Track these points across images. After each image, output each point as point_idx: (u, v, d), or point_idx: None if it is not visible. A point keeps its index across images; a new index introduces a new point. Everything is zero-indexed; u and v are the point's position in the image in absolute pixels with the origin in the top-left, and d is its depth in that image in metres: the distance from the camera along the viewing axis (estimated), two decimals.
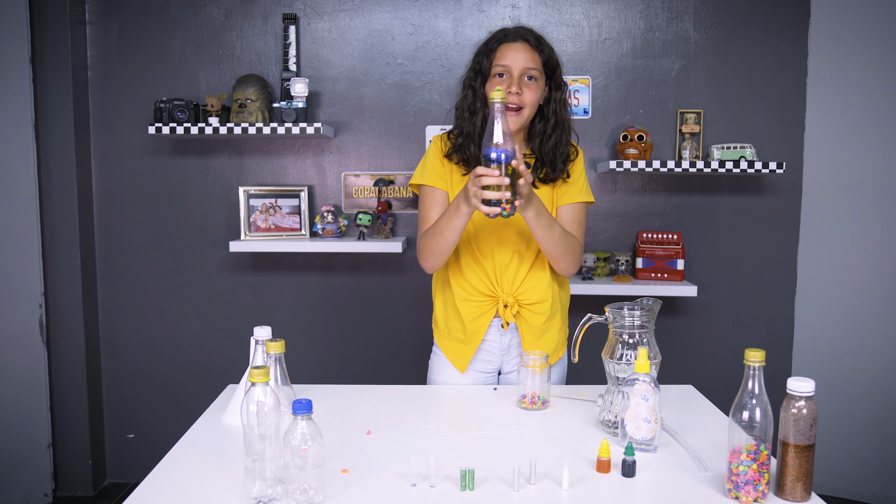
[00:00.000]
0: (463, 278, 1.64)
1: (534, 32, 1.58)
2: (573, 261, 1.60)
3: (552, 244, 1.53)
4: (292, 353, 1.46)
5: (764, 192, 2.70)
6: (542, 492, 1.09)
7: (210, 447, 1.27)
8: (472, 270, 1.63)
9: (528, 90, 1.54)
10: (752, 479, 1.03)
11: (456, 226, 1.49)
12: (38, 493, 2.71)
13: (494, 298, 1.64)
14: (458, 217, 1.47)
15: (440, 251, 1.55)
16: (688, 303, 2.75)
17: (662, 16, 2.65)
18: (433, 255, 1.57)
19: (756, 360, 1.04)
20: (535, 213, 1.46)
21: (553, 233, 1.52)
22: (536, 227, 1.49)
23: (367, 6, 2.67)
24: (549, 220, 1.51)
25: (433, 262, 1.59)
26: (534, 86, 1.55)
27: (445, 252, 1.56)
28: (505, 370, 1.71)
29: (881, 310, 2.70)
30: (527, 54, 1.54)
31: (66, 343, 2.70)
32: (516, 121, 1.55)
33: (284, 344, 1.26)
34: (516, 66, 1.53)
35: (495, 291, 1.63)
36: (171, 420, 2.82)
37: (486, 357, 1.69)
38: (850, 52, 2.63)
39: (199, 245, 2.76)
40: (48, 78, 2.59)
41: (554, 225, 1.52)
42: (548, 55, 1.58)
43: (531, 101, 1.55)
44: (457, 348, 1.68)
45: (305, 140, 2.72)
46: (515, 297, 1.63)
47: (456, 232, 1.50)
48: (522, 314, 1.64)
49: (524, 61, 1.54)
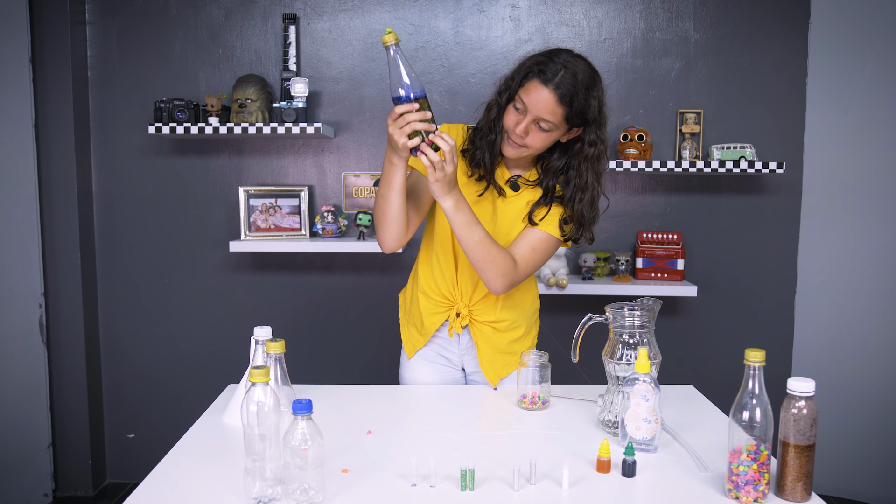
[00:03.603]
0: (430, 274, 1.63)
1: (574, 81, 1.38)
2: (496, 275, 1.45)
3: (470, 247, 1.42)
4: (292, 353, 1.46)
5: (764, 191, 2.70)
6: (542, 492, 1.09)
7: (210, 447, 1.27)
8: (440, 270, 1.61)
9: (536, 136, 1.43)
10: (753, 479, 1.03)
11: (391, 181, 1.40)
12: (38, 493, 2.71)
13: (451, 303, 1.62)
14: (391, 171, 1.39)
15: (385, 218, 1.46)
16: (688, 303, 2.75)
17: (662, 16, 2.65)
18: (379, 223, 1.48)
19: (756, 360, 1.04)
20: (452, 203, 1.37)
21: (472, 234, 1.41)
22: (454, 221, 1.39)
23: (367, 6, 2.67)
24: (471, 218, 1.40)
25: (383, 232, 1.48)
26: (544, 135, 1.43)
27: (391, 219, 1.45)
28: (467, 370, 1.70)
29: (881, 309, 2.70)
30: (549, 104, 1.38)
31: (66, 343, 2.70)
32: (516, 152, 1.47)
33: (284, 344, 1.26)
34: (533, 110, 1.40)
35: (453, 297, 1.62)
36: (171, 420, 2.82)
37: (450, 355, 1.68)
38: (850, 52, 2.63)
39: (199, 245, 2.76)
40: (48, 78, 2.59)
41: (475, 226, 1.41)
42: (578, 110, 1.40)
43: (536, 147, 1.45)
44: (411, 333, 1.70)
45: (305, 140, 2.72)
46: (470, 308, 1.61)
47: (393, 190, 1.41)
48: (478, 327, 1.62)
49: (542, 110, 1.39)
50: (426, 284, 1.64)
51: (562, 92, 1.37)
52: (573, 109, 1.40)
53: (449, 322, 1.63)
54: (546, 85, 1.38)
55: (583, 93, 1.39)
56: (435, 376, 1.69)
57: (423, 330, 1.65)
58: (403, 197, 1.43)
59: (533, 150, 1.47)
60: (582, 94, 1.39)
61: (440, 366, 1.69)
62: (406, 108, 1.29)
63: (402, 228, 1.47)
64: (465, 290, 1.60)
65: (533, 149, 1.46)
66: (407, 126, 1.29)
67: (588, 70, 1.42)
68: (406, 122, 1.29)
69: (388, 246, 1.51)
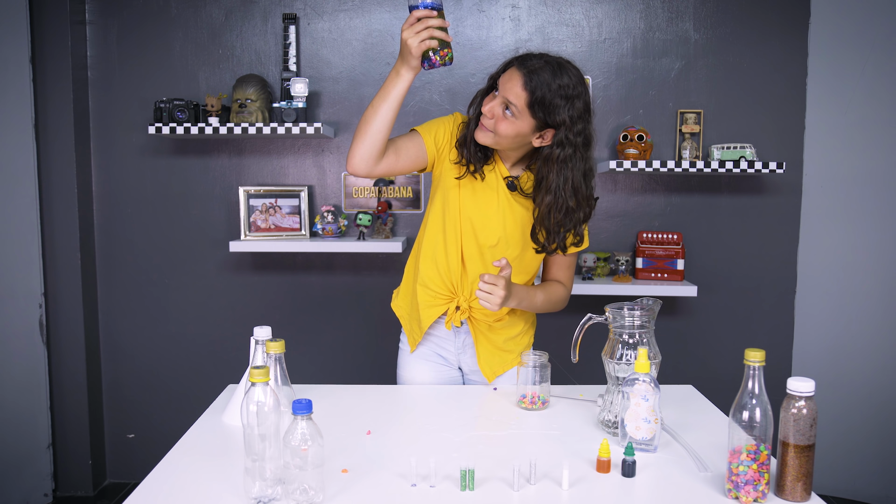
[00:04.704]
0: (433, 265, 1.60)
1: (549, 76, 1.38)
2: (559, 308, 1.65)
3: (537, 311, 1.62)
4: (292, 353, 1.46)
5: (764, 191, 2.70)
6: (542, 492, 1.09)
7: (210, 447, 1.27)
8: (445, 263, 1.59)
9: (502, 122, 1.42)
10: (752, 479, 1.03)
11: (389, 92, 1.38)
12: (38, 493, 2.71)
13: (452, 295, 1.61)
14: (394, 81, 1.38)
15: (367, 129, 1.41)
16: (688, 303, 2.75)
17: (662, 16, 2.65)
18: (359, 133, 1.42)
19: (756, 360, 1.04)
20: (516, 303, 1.51)
21: (534, 306, 1.57)
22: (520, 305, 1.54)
23: (367, 6, 2.67)
24: (530, 301, 1.55)
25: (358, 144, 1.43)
26: (508, 120, 1.42)
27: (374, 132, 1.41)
28: (464, 370, 1.70)
29: (881, 310, 2.70)
30: (515, 86, 1.39)
31: (66, 343, 2.70)
32: (484, 136, 1.46)
33: (284, 344, 1.26)
34: (502, 91, 1.42)
35: (456, 290, 1.60)
36: (171, 420, 2.82)
37: (446, 354, 1.68)
38: (850, 52, 2.63)
39: (199, 245, 2.76)
40: (48, 78, 2.59)
41: (535, 299, 1.56)
42: (541, 101, 1.39)
43: (502, 133, 1.43)
44: (413, 328, 1.68)
45: (305, 140, 2.72)
46: (470, 303, 1.60)
47: (388, 102, 1.39)
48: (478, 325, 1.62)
49: (509, 91, 1.40)
50: (427, 276, 1.61)
51: (530, 78, 1.38)
52: (535, 98, 1.38)
53: (447, 315, 1.61)
54: (520, 69, 1.41)
55: (553, 89, 1.38)
56: (432, 375, 1.69)
57: (421, 323, 1.64)
58: (394, 114, 1.41)
59: (501, 137, 1.44)
60: (551, 89, 1.38)
61: (437, 365, 1.69)
62: (425, 13, 1.30)
63: (376, 147, 1.43)
64: (465, 284, 1.60)
65: (501, 136, 1.44)
66: (425, 31, 1.30)
67: (571, 72, 1.42)
68: (425, 26, 1.30)
69: (354, 162, 1.44)
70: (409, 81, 1.39)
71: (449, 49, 1.34)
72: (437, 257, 1.60)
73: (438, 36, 1.32)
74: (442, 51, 1.33)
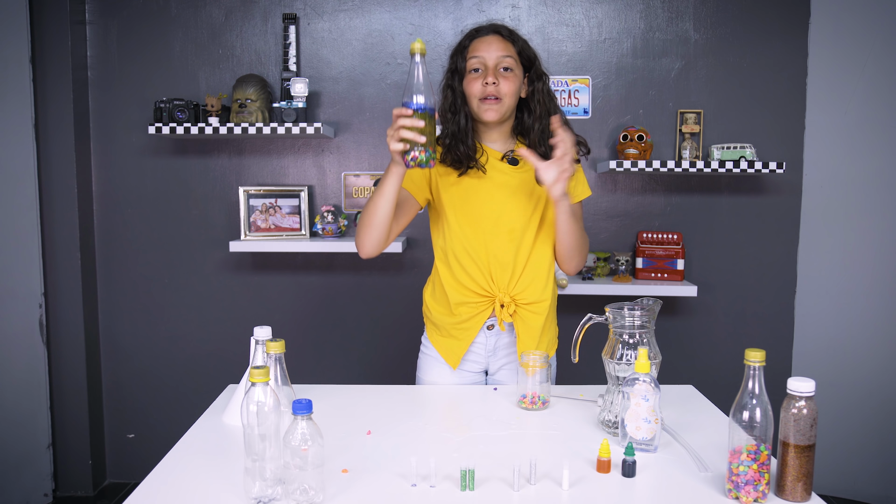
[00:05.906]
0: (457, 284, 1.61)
1: (505, 26, 1.58)
2: (583, 258, 1.63)
3: (575, 238, 1.56)
4: (292, 353, 1.46)
5: (764, 192, 2.70)
6: (542, 492, 1.09)
7: (210, 447, 1.27)
8: (466, 270, 1.59)
9: (505, 80, 1.52)
10: (753, 479, 1.03)
11: (383, 187, 1.44)
12: (38, 493, 2.71)
13: (490, 298, 1.61)
14: (386, 177, 1.43)
15: (369, 222, 1.49)
16: (688, 303, 2.75)
17: (662, 16, 2.65)
18: (362, 226, 1.51)
19: (756, 360, 1.04)
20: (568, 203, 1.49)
21: (579, 225, 1.57)
22: (568, 219, 1.51)
23: (367, 6, 2.67)
24: (579, 212, 1.59)
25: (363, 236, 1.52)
26: (511, 76, 1.53)
27: (375, 225, 1.49)
28: (491, 370, 1.70)
29: (881, 309, 2.70)
30: (500, 45, 1.53)
31: (66, 343, 2.70)
32: (497, 110, 1.53)
33: (284, 344, 1.26)
34: (490, 58, 1.52)
35: (491, 290, 1.60)
36: (171, 420, 2.82)
37: (475, 357, 1.67)
38: (850, 52, 2.63)
39: (199, 245, 2.76)
40: (48, 78, 2.59)
41: (580, 219, 1.59)
42: (521, 46, 1.56)
43: (509, 91, 1.53)
44: (449, 345, 1.66)
45: (305, 140, 2.72)
46: (512, 296, 1.60)
47: (383, 196, 1.45)
48: (520, 314, 1.61)
49: (498, 51, 1.52)
50: (460, 295, 1.61)
51: (503, 33, 1.56)
52: (518, 45, 1.56)
53: (496, 316, 1.61)
54: (489, 34, 1.55)
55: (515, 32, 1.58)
56: (456, 379, 1.68)
57: (462, 335, 1.63)
58: (392, 206, 1.47)
59: (508, 98, 1.54)
60: (516, 34, 1.58)
61: (463, 372, 1.68)
62: (400, 112, 1.31)
63: (382, 236, 1.52)
64: (500, 278, 1.59)
65: (508, 97, 1.53)
66: (396, 132, 1.31)
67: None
68: (397, 126, 1.31)
69: (366, 251, 1.55)
70: (400, 176, 1.43)
71: (431, 150, 1.31)
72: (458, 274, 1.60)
73: (408, 137, 1.30)
74: (414, 152, 1.31)
